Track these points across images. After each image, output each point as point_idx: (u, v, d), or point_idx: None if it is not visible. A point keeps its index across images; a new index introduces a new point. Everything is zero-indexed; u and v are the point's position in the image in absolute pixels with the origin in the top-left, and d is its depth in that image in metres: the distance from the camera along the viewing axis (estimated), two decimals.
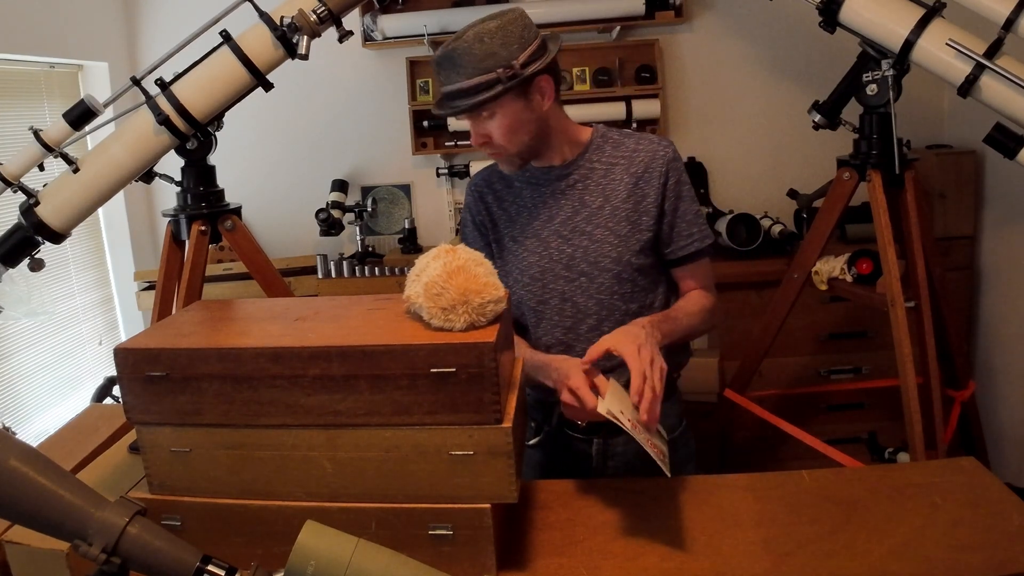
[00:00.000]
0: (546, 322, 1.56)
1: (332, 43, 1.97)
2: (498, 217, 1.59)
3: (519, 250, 1.56)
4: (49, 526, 0.83)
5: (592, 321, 1.55)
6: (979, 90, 1.86)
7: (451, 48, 1.40)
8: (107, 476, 1.42)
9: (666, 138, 1.58)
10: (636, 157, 1.52)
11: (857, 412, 2.85)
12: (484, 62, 1.39)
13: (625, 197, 1.51)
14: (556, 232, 1.53)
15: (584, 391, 1.29)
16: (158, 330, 1.29)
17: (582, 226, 1.52)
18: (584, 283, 1.53)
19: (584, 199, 1.52)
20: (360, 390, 1.12)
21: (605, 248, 1.51)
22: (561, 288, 1.54)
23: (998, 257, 2.77)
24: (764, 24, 3.15)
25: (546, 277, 1.54)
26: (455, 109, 1.44)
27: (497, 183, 1.60)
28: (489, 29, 1.39)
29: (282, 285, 2.21)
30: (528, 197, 1.56)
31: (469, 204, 1.64)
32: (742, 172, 3.26)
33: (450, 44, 1.40)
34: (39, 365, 2.80)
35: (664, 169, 1.51)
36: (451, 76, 1.42)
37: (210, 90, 1.86)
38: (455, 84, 1.41)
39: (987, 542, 1.15)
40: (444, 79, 1.43)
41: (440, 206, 3.42)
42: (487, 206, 1.60)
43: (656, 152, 1.52)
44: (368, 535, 0.92)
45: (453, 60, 1.40)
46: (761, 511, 1.27)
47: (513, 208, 1.58)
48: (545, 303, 1.55)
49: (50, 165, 1.85)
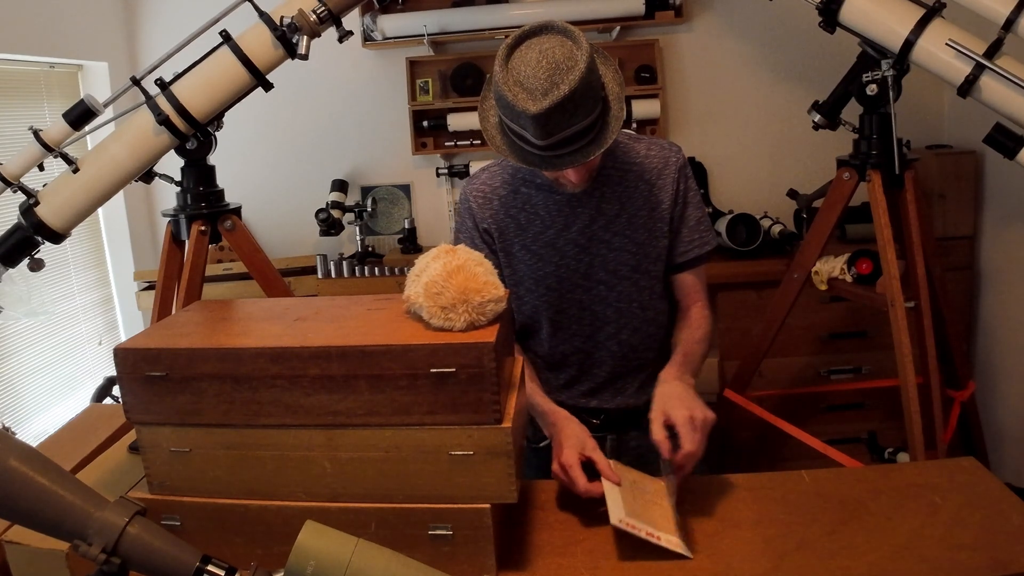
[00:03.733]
0: (563, 331, 1.55)
1: (332, 43, 1.97)
2: (505, 225, 1.52)
3: (532, 259, 1.51)
4: (49, 526, 0.83)
5: (611, 329, 1.54)
6: (979, 90, 1.86)
7: (565, 93, 1.18)
8: (107, 476, 1.42)
9: (674, 143, 1.55)
10: (648, 163, 1.50)
11: (857, 412, 2.85)
12: (599, 92, 1.26)
13: (641, 204, 1.48)
14: (573, 241, 1.49)
15: (575, 471, 1.27)
16: (158, 330, 1.29)
17: (600, 234, 1.48)
18: (602, 291, 1.51)
19: (601, 207, 1.48)
20: (360, 390, 1.12)
21: (624, 256, 1.49)
22: (579, 297, 1.52)
23: (998, 257, 2.77)
24: (764, 24, 3.15)
25: (563, 287, 1.51)
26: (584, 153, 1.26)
27: (501, 188, 1.53)
28: (579, 54, 1.20)
29: (282, 285, 2.20)
30: (540, 204, 1.50)
31: (472, 210, 1.54)
32: (742, 172, 3.27)
33: (558, 87, 1.18)
34: (39, 365, 2.80)
35: (676, 176, 1.49)
36: (569, 121, 1.22)
37: (210, 90, 1.86)
38: (575, 126, 1.23)
39: (987, 542, 1.15)
40: (552, 129, 1.22)
41: (440, 206, 3.42)
42: (493, 212, 1.53)
43: (668, 158, 1.50)
44: (368, 535, 0.92)
45: (573, 102, 1.20)
46: (761, 511, 1.27)
47: (523, 216, 1.51)
48: (563, 312, 1.53)
49: (50, 165, 1.85)
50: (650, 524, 1.19)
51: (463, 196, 1.57)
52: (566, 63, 1.19)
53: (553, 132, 1.22)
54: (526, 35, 1.25)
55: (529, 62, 1.21)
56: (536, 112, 1.19)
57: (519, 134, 1.27)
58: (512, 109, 1.22)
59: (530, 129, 1.23)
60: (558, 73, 1.19)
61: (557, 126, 1.21)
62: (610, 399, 1.61)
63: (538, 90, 1.19)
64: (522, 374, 1.32)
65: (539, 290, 1.52)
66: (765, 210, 3.08)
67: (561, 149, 1.26)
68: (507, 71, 1.23)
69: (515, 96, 1.21)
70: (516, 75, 1.22)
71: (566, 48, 1.21)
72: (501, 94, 1.23)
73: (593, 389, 1.61)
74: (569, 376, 1.61)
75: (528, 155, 1.29)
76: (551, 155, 1.27)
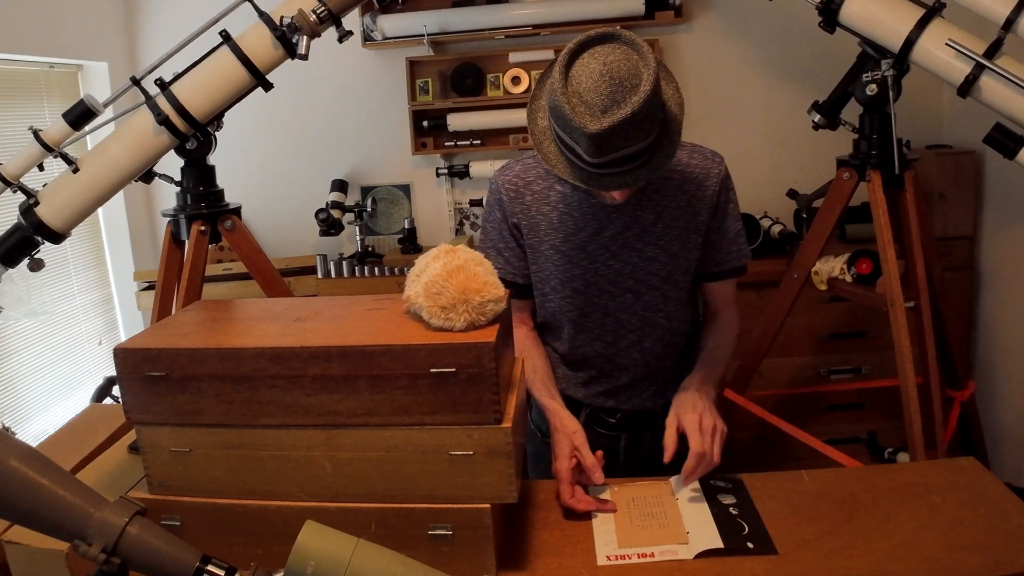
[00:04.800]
0: (586, 334, 1.54)
1: (332, 43, 1.97)
2: (536, 221, 1.48)
3: (561, 260, 1.48)
4: (49, 526, 0.83)
5: (634, 337, 1.53)
6: (979, 90, 1.86)
7: (627, 115, 1.11)
8: (107, 476, 1.42)
9: (717, 153, 1.49)
10: (689, 173, 1.44)
11: (857, 412, 2.85)
12: (659, 113, 1.18)
13: (677, 215, 1.45)
14: (604, 247, 1.46)
15: (564, 487, 1.29)
16: (158, 330, 1.29)
17: (632, 242, 1.45)
18: (629, 299, 1.50)
19: (637, 214, 1.44)
20: (360, 390, 1.12)
21: (655, 267, 1.47)
22: (605, 303, 1.50)
23: (998, 257, 2.77)
24: (764, 24, 3.15)
25: (590, 291, 1.49)
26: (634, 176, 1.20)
27: (536, 183, 1.48)
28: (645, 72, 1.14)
29: (282, 285, 2.20)
30: (575, 205, 1.45)
31: (502, 202, 1.49)
32: (742, 172, 3.22)
33: (621, 107, 1.12)
34: (39, 365, 2.80)
35: (717, 188, 1.45)
36: (625, 142, 1.15)
37: (210, 90, 1.86)
38: (631, 148, 1.16)
39: (987, 542, 1.15)
40: (607, 149, 1.15)
41: (440, 206, 3.42)
42: (525, 207, 1.48)
43: (710, 170, 1.45)
44: (368, 535, 0.92)
45: (634, 124, 1.13)
46: (761, 511, 1.26)
47: (556, 214, 1.46)
48: (586, 316, 1.52)
49: (50, 165, 1.85)
50: (647, 542, 1.20)
51: (493, 186, 1.52)
52: (631, 80, 1.12)
53: (607, 152, 1.16)
54: (590, 42, 1.18)
55: (592, 74, 1.14)
56: (595, 131, 1.12)
57: (569, 146, 1.22)
58: (568, 122, 1.15)
59: (583, 145, 1.17)
60: (621, 91, 1.12)
61: (612, 147, 1.15)
62: (627, 401, 1.61)
63: (598, 107, 1.13)
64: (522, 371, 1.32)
65: (564, 291, 1.50)
66: (765, 210, 3.08)
67: (611, 168, 1.20)
68: (567, 81, 1.16)
69: (573, 110, 1.14)
70: (576, 87, 1.15)
71: (632, 63, 1.14)
72: (558, 105, 1.16)
73: (611, 391, 1.60)
74: (588, 376, 1.61)
75: (576, 169, 1.23)
76: (600, 173, 1.21)
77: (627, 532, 1.23)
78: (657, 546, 1.18)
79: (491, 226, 1.53)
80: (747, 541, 1.17)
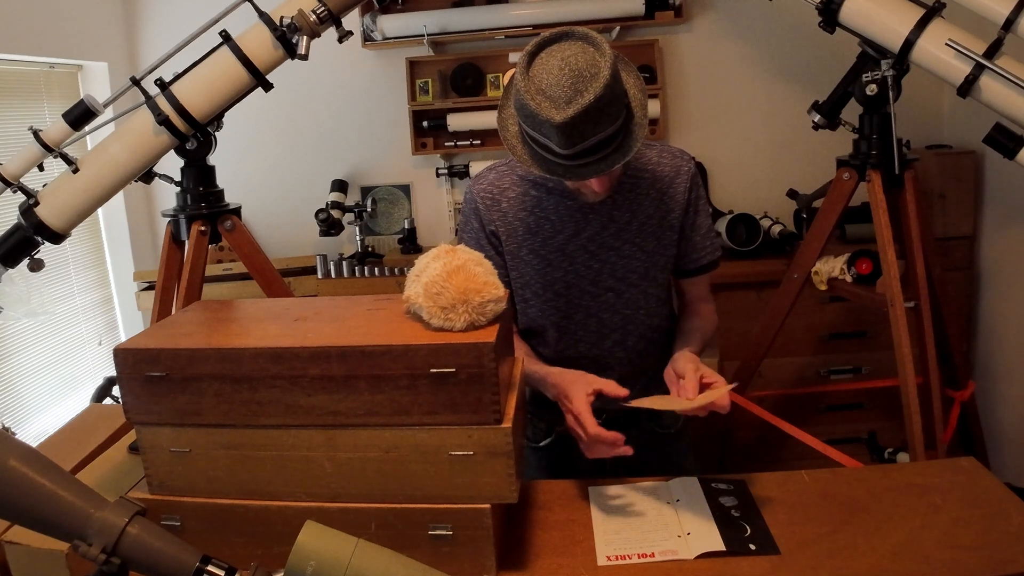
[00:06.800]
0: (569, 336, 1.54)
1: (332, 43, 1.97)
2: (514, 228, 1.49)
3: (541, 264, 1.50)
4: (49, 526, 0.83)
5: (617, 336, 1.54)
6: (979, 90, 1.86)
7: (590, 101, 1.15)
8: (107, 476, 1.42)
9: (685, 151, 1.53)
10: (660, 172, 1.48)
11: (857, 412, 2.85)
12: (622, 99, 1.23)
13: (651, 212, 1.48)
14: (583, 247, 1.48)
15: (586, 416, 1.28)
16: (158, 330, 1.29)
17: (610, 242, 1.47)
18: (611, 299, 1.51)
19: (612, 214, 1.46)
20: (360, 390, 1.12)
21: (634, 264, 1.49)
22: (587, 304, 1.51)
23: (998, 257, 2.77)
24: (764, 24, 3.15)
25: (571, 292, 1.50)
26: (609, 162, 1.24)
27: (511, 190, 1.50)
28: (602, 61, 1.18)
29: (282, 285, 2.20)
30: (552, 208, 1.47)
31: (478, 211, 1.51)
32: (742, 172, 3.27)
33: (583, 95, 1.16)
34: (39, 365, 2.80)
35: (688, 185, 1.49)
36: (593, 129, 1.19)
37: (210, 90, 1.86)
38: (600, 134, 1.20)
39: (987, 542, 1.15)
40: (576, 138, 1.19)
41: (440, 206, 3.42)
42: (502, 214, 1.49)
43: (680, 167, 1.49)
44: (368, 535, 0.92)
45: (598, 110, 1.17)
46: (761, 511, 1.26)
47: (532, 219, 1.48)
48: (569, 318, 1.53)
49: (50, 165, 1.85)
50: (648, 542, 1.20)
51: (468, 196, 1.54)
52: (589, 70, 1.17)
53: (578, 141, 1.19)
54: (546, 42, 1.23)
55: (551, 70, 1.18)
56: (561, 121, 1.16)
57: (542, 143, 1.25)
58: (535, 118, 1.20)
59: (554, 138, 1.20)
60: (581, 81, 1.16)
61: (582, 135, 1.19)
62: (613, 400, 1.60)
63: (562, 98, 1.17)
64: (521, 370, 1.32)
65: (546, 295, 1.51)
66: (765, 210, 3.08)
67: (585, 158, 1.23)
68: (528, 80, 1.20)
69: (538, 105, 1.18)
70: (538, 83, 1.19)
71: (588, 55, 1.19)
72: (523, 103, 1.20)
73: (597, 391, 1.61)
74: None
75: (552, 165, 1.26)
76: (575, 164, 1.24)
77: (627, 532, 1.23)
78: (657, 546, 1.19)
79: (468, 236, 1.53)
80: (749, 543, 1.17)
